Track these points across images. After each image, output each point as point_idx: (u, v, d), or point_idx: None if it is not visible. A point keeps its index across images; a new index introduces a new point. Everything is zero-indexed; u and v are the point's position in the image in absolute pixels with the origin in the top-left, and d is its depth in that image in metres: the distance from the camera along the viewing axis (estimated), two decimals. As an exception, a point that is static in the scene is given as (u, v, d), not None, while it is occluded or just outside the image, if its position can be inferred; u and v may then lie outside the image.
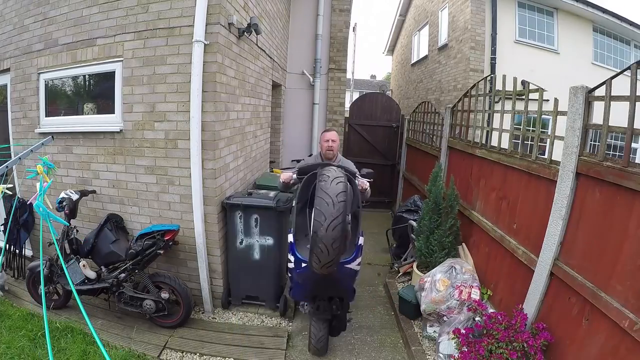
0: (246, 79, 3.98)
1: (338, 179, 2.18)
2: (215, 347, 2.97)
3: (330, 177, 2.18)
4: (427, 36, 9.77)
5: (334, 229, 2.06)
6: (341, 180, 2.18)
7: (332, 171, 2.27)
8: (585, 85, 2.22)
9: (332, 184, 2.14)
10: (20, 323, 3.03)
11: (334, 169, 2.31)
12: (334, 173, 2.24)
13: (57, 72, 3.54)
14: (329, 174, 2.22)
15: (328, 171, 2.27)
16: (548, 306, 2.43)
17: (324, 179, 2.19)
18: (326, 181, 2.17)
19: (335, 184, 2.14)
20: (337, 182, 2.15)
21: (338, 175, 2.22)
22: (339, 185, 2.14)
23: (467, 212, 3.75)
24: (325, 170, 2.30)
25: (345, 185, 2.19)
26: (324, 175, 2.24)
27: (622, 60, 8.23)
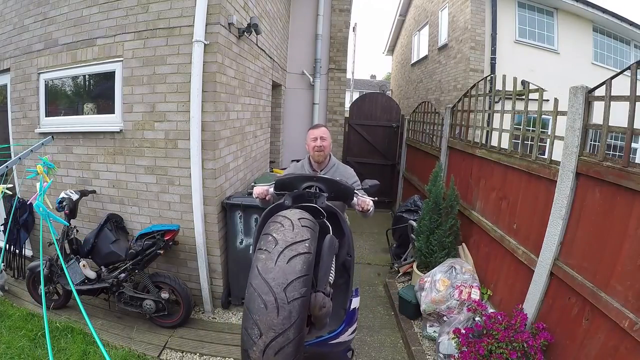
0: (246, 79, 3.98)
1: (294, 247, 1.17)
2: (215, 347, 2.97)
3: (279, 244, 1.18)
4: (427, 36, 9.77)
5: (276, 354, 1.09)
6: (301, 251, 1.16)
7: (285, 226, 1.27)
8: (585, 85, 2.22)
9: (279, 262, 1.13)
10: (20, 323, 3.03)
11: (290, 219, 1.31)
12: (289, 233, 1.23)
13: (57, 72, 3.54)
14: (276, 235, 1.22)
15: (278, 226, 1.28)
16: (548, 306, 2.43)
17: (266, 245, 1.21)
18: (268, 251, 1.17)
19: (285, 262, 1.13)
20: (289, 258, 1.14)
21: (297, 237, 1.21)
22: (294, 263, 1.13)
23: (467, 212, 3.75)
24: (275, 223, 1.31)
25: (306, 261, 1.16)
26: (266, 237, 1.25)
27: (622, 60, 8.23)
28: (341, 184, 1.92)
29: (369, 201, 2.04)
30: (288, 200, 1.73)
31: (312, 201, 1.72)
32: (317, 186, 1.86)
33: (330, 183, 1.89)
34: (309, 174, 2.09)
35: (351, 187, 1.97)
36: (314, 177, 1.94)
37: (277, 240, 1.21)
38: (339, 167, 2.60)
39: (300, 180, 1.92)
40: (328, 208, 1.71)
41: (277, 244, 1.19)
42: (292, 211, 1.44)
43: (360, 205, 2.02)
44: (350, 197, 1.96)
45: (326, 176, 1.98)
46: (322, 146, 2.49)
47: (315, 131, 2.55)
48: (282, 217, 1.35)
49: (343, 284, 1.81)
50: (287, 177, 2.05)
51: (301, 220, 1.33)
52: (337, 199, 1.95)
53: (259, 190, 2.19)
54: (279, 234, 1.24)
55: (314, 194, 1.75)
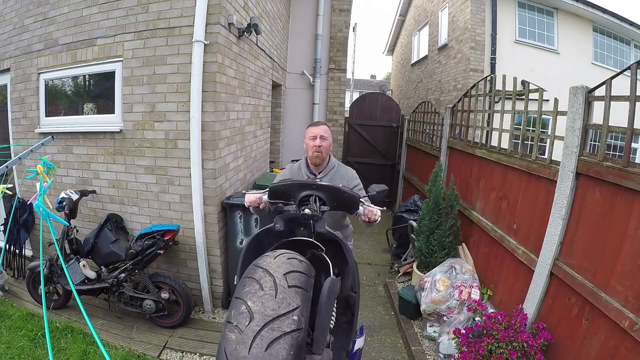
0: (246, 79, 3.98)
1: (277, 325, 0.83)
2: (215, 347, 2.95)
3: (254, 319, 0.84)
4: (427, 36, 9.77)
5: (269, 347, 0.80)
6: (287, 330, 0.83)
7: (265, 288, 0.92)
8: (585, 85, 2.22)
9: (255, 349, 0.79)
10: (20, 323, 3.03)
11: (273, 276, 0.95)
12: (269, 302, 0.88)
13: (57, 72, 3.54)
14: (251, 304, 0.87)
15: (254, 287, 0.93)
16: (548, 306, 2.43)
17: (237, 318, 0.86)
18: (240, 329, 0.83)
19: (264, 349, 0.79)
20: (269, 342, 0.80)
21: (281, 307, 0.86)
22: (276, 349, 0.80)
23: (467, 212, 3.75)
24: (251, 281, 0.95)
25: (294, 344, 0.82)
26: (238, 304, 0.90)
27: (622, 60, 8.23)
28: (345, 192, 1.66)
29: (376, 211, 1.79)
30: (279, 224, 1.45)
31: (308, 225, 1.44)
32: (316, 195, 1.60)
33: (333, 191, 1.62)
34: (307, 181, 1.79)
35: (357, 195, 1.71)
36: (313, 185, 1.64)
37: (251, 314, 0.84)
38: (339, 168, 2.36)
39: (297, 188, 1.64)
40: (329, 235, 1.44)
41: (252, 320, 0.82)
42: (278, 258, 1.03)
43: (366, 216, 1.77)
44: (355, 206, 1.71)
45: (327, 183, 1.70)
46: (321, 147, 2.23)
47: (315, 129, 2.27)
48: (261, 272, 0.96)
49: (345, 322, 1.51)
50: (283, 184, 1.73)
51: (288, 277, 0.94)
52: (340, 208, 1.70)
53: (251, 198, 1.90)
54: (255, 301, 0.87)
55: (311, 216, 1.44)
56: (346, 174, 2.32)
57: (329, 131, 2.31)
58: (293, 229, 1.47)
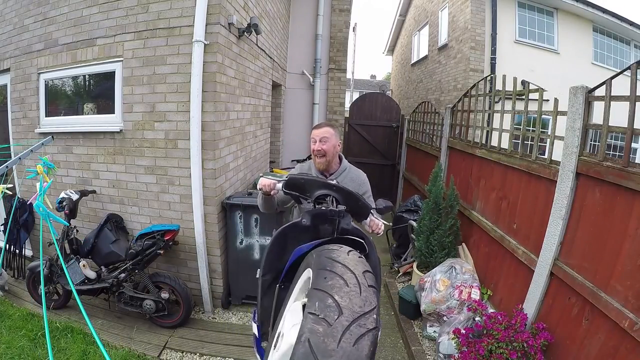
0: (246, 79, 3.98)
1: (363, 322, 0.87)
2: (215, 347, 2.97)
3: (343, 314, 0.86)
4: (427, 36, 9.77)
5: (356, 342, 0.82)
6: (370, 327, 0.87)
7: (350, 285, 0.94)
8: (585, 85, 2.22)
9: (344, 343, 0.81)
10: (20, 323, 3.03)
11: (355, 274, 0.97)
12: (356, 298, 0.92)
13: (57, 72, 3.54)
14: (339, 298, 0.89)
15: (338, 282, 0.94)
16: (548, 306, 2.43)
17: (324, 310, 0.86)
18: (328, 322, 0.84)
19: (352, 344, 0.82)
20: (357, 337, 0.83)
21: (366, 305, 0.92)
22: (362, 345, 0.83)
23: (467, 212, 3.75)
24: (334, 275, 0.96)
25: (374, 342, 0.86)
26: (323, 296, 0.91)
27: (622, 60, 8.23)
28: (360, 200, 1.67)
29: (381, 225, 1.87)
30: (306, 219, 1.46)
31: (334, 221, 1.47)
32: (333, 196, 1.61)
33: (349, 197, 1.64)
34: (328, 181, 1.74)
35: (369, 206, 1.73)
36: (333, 186, 1.65)
37: (340, 308, 0.85)
38: (350, 171, 2.27)
39: (315, 186, 1.66)
40: (355, 231, 1.44)
41: (342, 315, 0.84)
42: (351, 255, 1.05)
43: (370, 227, 1.84)
44: (365, 216, 1.75)
45: (347, 188, 1.69)
46: (322, 150, 2.11)
47: (316, 132, 2.17)
48: (342, 268, 0.97)
49: None
50: (302, 177, 1.74)
51: (367, 276, 0.98)
52: (351, 214, 1.68)
53: (266, 181, 1.93)
54: (342, 296, 0.88)
55: (337, 212, 1.48)
56: (357, 178, 2.25)
57: (331, 131, 2.17)
58: (318, 224, 1.47)
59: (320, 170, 2.22)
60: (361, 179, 2.26)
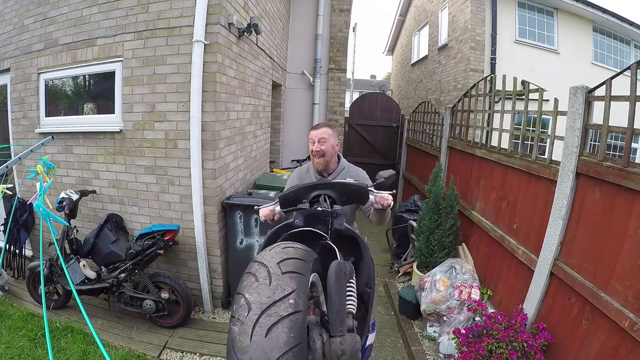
0: (246, 79, 3.98)
1: (273, 311, 0.85)
2: (215, 347, 2.97)
3: (252, 309, 0.86)
4: (427, 36, 9.77)
5: (268, 333, 0.82)
6: (283, 314, 0.84)
7: (259, 279, 0.94)
8: (585, 85, 2.22)
9: (256, 337, 0.82)
10: (20, 323, 3.03)
11: (267, 266, 0.97)
12: (264, 290, 0.90)
13: (57, 72, 3.54)
14: (248, 295, 0.90)
15: (250, 281, 0.95)
16: (548, 306, 2.43)
17: (237, 311, 0.88)
18: (241, 321, 0.86)
19: (264, 335, 0.82)
20: (267, 327, 0.83)
21: (276, 294, 0.88)
22: (276, 333, 0.82)
23: (467, 212, 3.75)
24: (248, 275, 0.97)
25: (294, 326, 0.83)
26: (238, 298, 0.92)
27: (622, 60, 8.23)
28: (352, 184, 1.69)
29: (387, 196, 1.76)
30: (299, 220, 1.49)
31: (327, 221, 1.48)
32: (325, 194, 1.62)
33: (339, 187, 1.65)
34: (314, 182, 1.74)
35: (364, 185, 1.73)
36: (319, 185, 1.66)
37: (249, 304, 0.87)
38: (349, 169, 2.27)
39: (305, 191, 1.66)
40: (346, 231, 1.47)
41: (250, 310, 0.86)
42: (273, 249, 1.05)
43: (379, 203, 1.75)
44: (365, 196, 1.72)
45: (333, 180, 1.71)
46: (321, 150, 2.11)
47: (314, 132, 2.16)
48: (257, 265, 0.99)
49: (359, 318, 1.49)
50: (291, 191, 1.76)
51: (282, 265, 0.96)
52: (352, 202, 1.74)
53: (264, 212, 1.91)
54: (251, 292, 0.90)
55: (330, 212, 1.49)
56: (357, 176, 2.22)
57: (329, 132, 2.17)
58: (311, 225, 1.47)
59: (318, 170, 2.22)
60: (361, 176, 2.25)
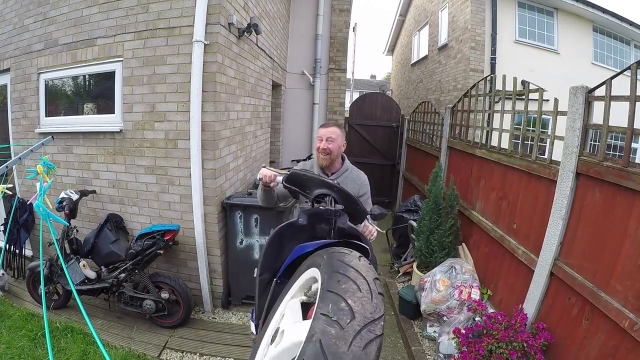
0: (246, 79, 3.98)
1: (373, 328, 0.88)
2: (215, 347, 2.97)
3: (356, 318, 0.88)
4: (427, 36, 9.77)
5: (365, 347, 0.84)
6: (378, 334, 0.87)
7: (362, 290, 0.96)
8: (585, 85, 2.22)
9: (354, 347, 0.83)
10: (20, 323, 3.03)
11: (366, 280, 0.99)
12: (368, 304, 0.93)
13: (57, 72, 3.54)
14: (352, 303, 0.91)
15: (351, 287, 0.96)
16: (548, 306, 2.43)
17: (337, 313, 0.88)
18: (341, 325, 0.86)
19: (361, 349, 0.84)
20: (366, 342, 0.85)
21: (376, 312, 0.92)
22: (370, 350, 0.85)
23: (467, 212, 3.75)
24: (347, 279, 0.98)
25: (380, 348, 0.87)
26: (337, 299, 0.92)
27: (622, 60, 8.22)
28: (358, 204, 1.68)
29: (374, 232, 1.88)
30: (303, 219, 1.48)
31: (331, 221, 1.48)
32: (332, 196, 1.61)
33: (348, 200, 1.63)
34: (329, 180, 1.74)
35: (366, 211, 1.75)
36: (334, 186, 1.65)
37: (353, 312, 0.87)
38: (352, 172, 2.30)
39: (316, 184, 1.66)
40: (350, 230, 1.47)
41: (354, 319, 0.86)
42: (362, 262, 1.06)
43: (363, 232, 1.78)
44: (360, 221, 1.75)
45: (347, 191, 1.69)
46: (328, 148, 2.16)
47: (323, 130, 2.20)
48: (355, 273, 0.98)
49: None
50: (304, 173, 1.74)
51: (376, 284, 0.99)
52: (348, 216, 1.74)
53: (266, 172, 1.94)
54: (355, 301, 0.90)
55: (334, 212, 1.49)
56: (358, 179, 2.28)
57: (338, 132, 2.20)
58: (315, 224, 1.49)
59: (322, 167, 2.24)
60: (362, 180, 2.28)
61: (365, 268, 1.04)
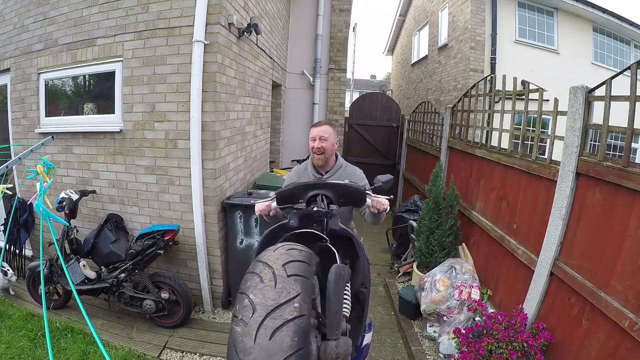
0: (246, 79, 3.98)
1: (278, 314, 0.86)
2: (215, 347, 2.97)
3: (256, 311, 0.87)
4: (427, 36, 9.77)
5: (273, 335, 0.82)
6: (289, 317, 0.85)
7: (265, 280, 0.94)
8: (585, 85, 2.22)
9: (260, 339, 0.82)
10: (20, 323, 3.03)
11: (272, 267, 0.97)
12: (269, 292, 0.90)
13: (57, 72, 3.54)
14: (253, 296, 0.90)
15: (255, 281, 0.95)
16: (548, 306, 2.43)
17: (241, 312, 0.88)
18: (244, 322, 0.86)
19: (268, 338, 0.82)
20: (272, 330, 0.83)
21: (281, 296, 0.89)
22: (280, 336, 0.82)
23: (467, 212, 3.75)
24: (252, 275, 0.97)
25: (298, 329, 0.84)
26: (242, 298, 0.92)
27: (622, 60, 8.23)
28: (350, 186, 1.68)
29: (384, 200, 1.78)
30: (293, 220, 1.48)
31: (322, 221, 1.48)
32: (323, 194, 1.61)
33: (337, 188, 1.64)
34: (311, 181, 1.74)
35: (362, 188, 1.73)
36: (317, 185, 1.65)
37: (254, 306, 0.88)
38: (346, 168, 2.32)
39: (302, 190, 1.66)
40: (341, 231, 1.47)
41: (255, 312, 0.86)
42: (277, 250, 1.05)
43: (375, 207, 1.77)
44: (363, 199, 1.71)
45: (331, 181, 1.69)
46: (322, 147, 2.19)
47: (314, 130, 2.23)
48: (261, 265, 0.99)
49: (355, 318, 1.52)
50: (288, 188, 1.76)
51: (288, 267, 0.97)
52: (348, 203, 1.73)
53: (260, 207, 1.92)
54: (256, 294, 0.91)
55: (325, 213, 1.48)
56: (353, 174, 2.29)
57: (330, 130, 2.23)
58: (307, 225, 1.47)
59: (317, 166, 2.28)
60: (357, 175, 2.30)
61: (276, 256, 1.02)
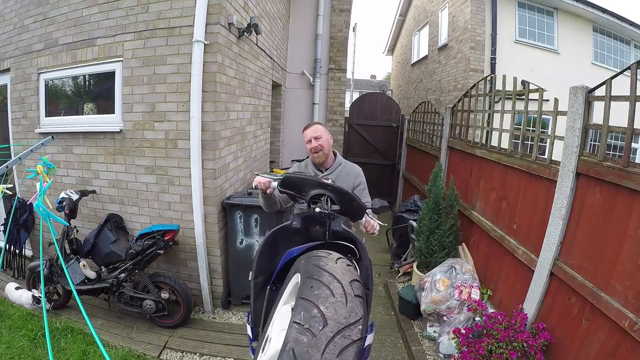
0: (246, 79, 3.98)
1: (348, 333, 0.88)
2: (215, 347, 2.97)
3: (328, 325, 0.87)
4: (427, 36, 9.77)
5: (340, 354, 0.84)
6: (355, 339, 0.87)
7: (336, 295, 0.94)
8: (585, 85, 2.22)
9: (327, 355, 0.83)
10: (20, 323, 3.03)
11: (341, 283, 0.98)
12: (341, 309, 0.91)
13: (57, 72, 3.54)
14: (324, 309, 0.90)
15: (324, 292, 0.95)
16: (548, 306, 2.43)
17: (309, 321, 0.87)
18: (313, 333, 0.85)
19: (335, 356, 0.84)
20: (341, 349, 0.85)
21: (351, 316, 0.91)
22: (346, 356, 0.85)
23: (467, 212, 3.75)
24: (320, 284, 0.97)
25: (358, 353, 0.88)
26: (309, 306, 0.91)
27: (622, 60, 8.23)
28: (355, 200, 1.66)
29: (376, 226, 1.88)
30: (297, 222, 1.47)
31: (325, 224, 1.46)
32: (328, 196, 1.60)
33: (344, 197, 1.62)
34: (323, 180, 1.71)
35: (365, 206, 1.72)
36: (328, 186, 1.62)
37: (325, 319, 0.86)
38: (346, 165, 2.39)
39: (311, 185, 1.64)
40: (344, 233, 1.45)
41: (326, 325, 0.85)
42: (339, 263, 1.04)
43: (365, 227, 1.84)
44: (360, 216, 1.73)
45: (342, 188, 1.67)
46: (319, 145, 2.26)
47: (308, 132, 2.30)
48: (328, 277, 0.96)
49: None
50: (298, 176, 1.73)
51: (354, 286, 0.97)
52: (347, 214, 1.69)
53: (260, 179, 1.92)
54: (327, 307, 0.88)
55: (328, 214, 1.47)
56: (352, 171, 2.37)
57: (321, 128, 2.31)
58: (309, 226, 1.49)
59: (317, 164, 2.34)
60: (356, 171, 2.36)
61: (342, 270, 1.01)
